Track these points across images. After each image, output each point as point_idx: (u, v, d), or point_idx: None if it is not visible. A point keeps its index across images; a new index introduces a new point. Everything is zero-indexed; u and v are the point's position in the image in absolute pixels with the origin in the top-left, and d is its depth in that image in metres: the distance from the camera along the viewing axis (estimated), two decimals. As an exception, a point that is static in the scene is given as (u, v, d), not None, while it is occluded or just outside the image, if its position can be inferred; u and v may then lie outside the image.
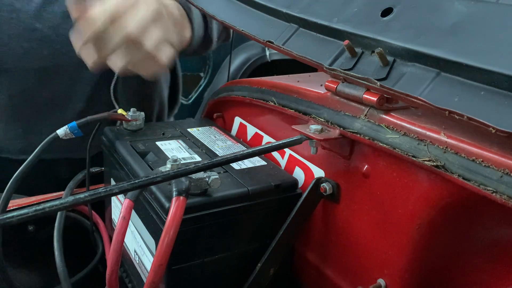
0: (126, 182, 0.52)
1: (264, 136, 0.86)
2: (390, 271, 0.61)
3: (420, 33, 0.55)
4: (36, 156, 0.76)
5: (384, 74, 0.56)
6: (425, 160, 0.51)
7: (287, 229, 0.69)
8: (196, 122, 0.96)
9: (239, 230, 0.70)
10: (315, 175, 0.72)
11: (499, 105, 0.45)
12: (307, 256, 0.75)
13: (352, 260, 0.67)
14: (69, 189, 0.85)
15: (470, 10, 0.53)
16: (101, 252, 0.92)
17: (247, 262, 0.71)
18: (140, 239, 0.73)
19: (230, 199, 0.66)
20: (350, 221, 0.67)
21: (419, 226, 0.57)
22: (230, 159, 0.60)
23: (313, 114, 0.68)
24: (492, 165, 0.46)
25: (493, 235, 0.54)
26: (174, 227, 0.57)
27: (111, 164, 0.85)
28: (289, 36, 0.70)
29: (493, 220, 0.53)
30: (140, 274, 0.75)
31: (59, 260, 0.73)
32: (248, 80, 0.89)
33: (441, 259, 0.58)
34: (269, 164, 0.77)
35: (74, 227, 0.89)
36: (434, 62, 0.52)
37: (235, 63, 2.45)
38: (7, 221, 0.45)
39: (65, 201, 0.48)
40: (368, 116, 0.61)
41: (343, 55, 0.63)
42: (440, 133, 0.52)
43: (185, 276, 0.67)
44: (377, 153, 0.60)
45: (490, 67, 0.47)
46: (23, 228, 0.90)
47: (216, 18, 0.83)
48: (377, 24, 0.60)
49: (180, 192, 0.59)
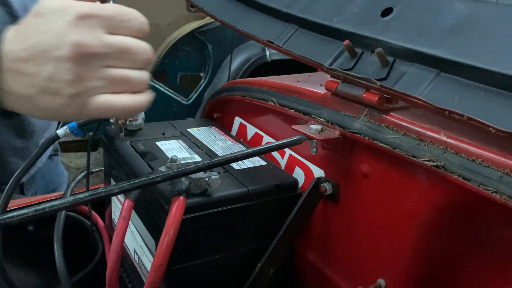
0: (126, 182, 0.52)
1: (264, 136, 0.86)
2: (390, 271, 0.61)
3: (420, 33, 0.55)
4: (37, 156, 0.76)
5: (384, 74, 0.56)
6: (425, 160, 0.51)
7: (287, 229, 0.69)
8: (196, 122, 0.96)
9: (239, 230, 0.70)
10: (315, 175, 0.72)
11: (499, 105, 0.45)
12: (307, 256, 0.75)
13: (352, 260, 0.67)
14: (69, 189, 0.85)
15: (470, 10, 0.53)
16: (101, 252, 0.93)
17: (247, 262, 0.71)
18: (140, 239, 0.73)
19: (230, 199, 0.66)
20: (350, 221, 0.67)
21: (419, 226, 0.57)
22: (230, 159, 0.60)
23: (313, 114, 0.68)
24: (492, 165, 0.46)
25: (493, 235, 0.54)
26: (174, 227, 0.57)
27: (111, 164, 0.85)
28: (289, 36, 0.70)
29: (493, 220, 0.53)
30: (140, 274, 0.75)
31: (59, 260, 0.73)
32: (248, 80, 0.89)
33: (441, 259, 0.58)
34: (269, 164, 0.77)
35: (74, 227, 0.89)
36: (434, 62, 0.52)
37: (235, 63, 2.45)
38: (7, 221, 0.45)
39: (65, 201, 0.48)
40: (368, 116, 0.61)
41: (343, 55, 0.63)
42: (440, 133, 0.52)
43: (185, 276, 0.67)
44: (377, 153, 0.60)
45: (490, 67, 0.47)
46: (23, 228, 0.90)
47: (216, 18, 0.83)
48: (377, 24, 0.60)
49: (180, 192, 0.59)
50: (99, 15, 0.46)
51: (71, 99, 0.46)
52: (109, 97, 0.47)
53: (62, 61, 0.44)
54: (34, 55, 0.45)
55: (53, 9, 0.45)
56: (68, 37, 0.44)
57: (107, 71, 0.47)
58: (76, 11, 0.45)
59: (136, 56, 0.48)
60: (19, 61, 0.45)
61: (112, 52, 0.47)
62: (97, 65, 0.46)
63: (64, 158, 2.98)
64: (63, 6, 0.45)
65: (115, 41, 0.47)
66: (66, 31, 0.45)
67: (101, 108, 0.47)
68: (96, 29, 0.46)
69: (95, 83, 0.46)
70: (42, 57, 0.45)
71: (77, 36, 0.45)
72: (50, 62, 0.45)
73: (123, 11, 0.48)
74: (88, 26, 0.45)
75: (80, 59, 0.45)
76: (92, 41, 0.45)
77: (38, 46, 0.45)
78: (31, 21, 0.46)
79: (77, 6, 0.45)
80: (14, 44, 0.45)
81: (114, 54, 0.47)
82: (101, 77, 0.46)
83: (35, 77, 0.45)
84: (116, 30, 0.47)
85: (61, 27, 0.45)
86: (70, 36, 0.44)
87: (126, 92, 0.48)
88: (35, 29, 0.45)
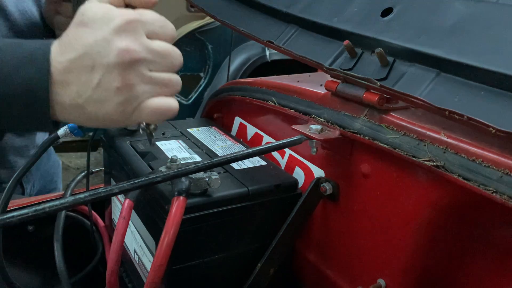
0: (126, 182, 0.52)
1: (264, 136, 0.86)
2: (390, 271, 0.61)
3: (420, 33, 0.55)
4: (37, 156, 0.76)
5: (384, 74, 0.56)
6: (425, 160, 0.51)
7: (287, 229, 0.69)
8: (196, 122, 0.96)
9: (239, 230, 0.70)
10: (315, 175, 0.72)
11: (499, 105, 0.45)
12: (307, 256, 0.75)
13: (352, 260, 0.67)
14: (69, 189, 0.85)
15: (470, 10, 0.53)
16: (101, 252, 0.93)
17: (247, 262, 0.71)
18: (140, 239, 0.73)
19: (230, 199, 0.66)
20: (350, 221, 0.67)
21: (419, 226, 0.57)
22: (230, 159, 0.60)
23: (313, 114, 0.68)
24: (492, 165, 0.46)
25: (493, 235, 0.54)
26: (174, 227, 0.57)
27: (111, 164, 0.85)
28: (289, 36, 0.70)
29: (493, 220, 0.53)
30: (140, 274, 0.75)
31: (59, 260, 0.73)
32: (248, 80, 0.89)
33: (441, 258, 0.58)
34: (269, 164, 0.77)
35: (74, 227, 0.89)
36: (434, 62, 0.52)
37: (235, 63, 2.45)
38: (7, 221, 0.45)
39: (65, 201, 0.48)
40: (368, 116, 0.61)
41: (343, 55, 0.63)
42: (440, 133, 0.52)
43: (185, 276, 0.67)
44: (377, 153, 0.60)
45: (490, 67, 0.47)
46: (23, 228, 0.90)
47: (216, 18, 0.83)
48: (377, 24, 0.60)
49: (180, 192, 0.59)
50: (141, 21, 0.47)
51: (120, 106, 0.47)
52: (156, 100, 0.48)
53: (109, 68, 0.45)
54: (82, 65, 0.45)
55: (97, 18, 0.46)
56: (114, 44, 0.45)
57: (152, 75, 0.47)
58: (120, 18, 0.46)
59: (173, 60, 0.49)
60: (67, 72, 0.45)
61: (155, 57, 0.47)
62: (143, 70, 0.47)
63: (64, 158, 2.98)
64: (106, 14, 0.46)
65: (157, 46, 0.48)
66: (112, 38, 0.45)
67: (151, 111, 0.48)
68: (139, 35, 0.46)
69: (142, 88, 0.47)
70: (90, 66, 0.45)
71: (123, 43, 0.45)
72: (98, 70, 0.45)
73: (159, 18, 0.49)
74: (132, 32, 0.46)
75: (127, 65, 0.46)
76: (138, 47, 0.46)
77: (84, 56, 0.45)
78: (76, 31, 0.46)
79: (119, 13, 0.46)
80: (61, 56, 0.46)
81: (157, 59, 0.48)
82: (147, 82, 0.47)
83: (83, 86, 0.46)
84: (155, 36, 0.48)
85: (107, 35, 0.45)
86: (116, 43, 0.45)
87: (167, 94, 0.49)
88: (81, 38, 0.46)
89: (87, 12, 0.47)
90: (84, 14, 0.47)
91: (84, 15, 0.46)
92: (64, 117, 0.49)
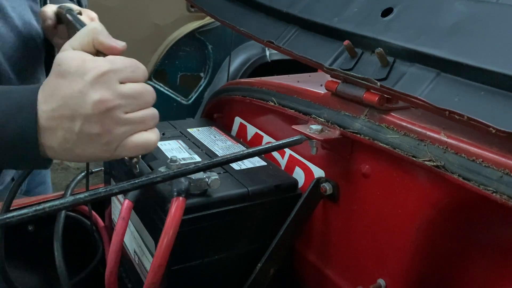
0: (126, 182, 0.52)
1: (264, 136, 0.86)
2: (390, 271, 0.61)
3: (420, 33, 0.55)
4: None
5: (384, 74, 0.56)
6: (425, 160, 0.51)
7: (287, 229, 0.69)
8: (196, 122, 0.96)
9: (239, 230, 0.70)
10: (315, 175, 0.72)
11: (499, 105, 0.45)
12: (307, 256, 0.75)
13: (352, 260, 0.67)
14: (69, 189, 0.85)
15: (470, 10, 0.53)
16: (101, 252, 0.92)
17: (247, 262, 0.71)
18: (140, 240, 0.73)
19: (230, 200, 0.66)
20: (350, 221, 0.67)
21: (419, 226, 0.56)
22: (230, 159, 0.60)
23: (313, 114, 0.68)
24: (492, 165, 0.46)
25: (493, 234, 0.54)
26: (173, 227, 0.57)
27: (111, 164, 0.85)
28: (289, 36, 0.70)
29: (493, 220, 0.53)
30: (140, 274, 0.75)
31: (59, 260, 0.73)
32: (248, 80, 0.89)
33: (441, 258, 0.58)
34: (269, 164, 0.77)
35: (74, 227, 0.89)
36: (434, 62, 0.52)
37: (235, 63, 2.45)
38: (7, 221, 0.45)
39: (65, 201, 0.48)
40: (368, 116, 0.61)
41: (343, 55, 0.63)
42: (440, 133, 0.52)
43: (184, 276, 0.67)
44: (377, 153, 0.60)
45: (490, 67, 0.47)
46: (23, 228, 0.90)
47: (216, 18, 0.83)
48: (377, 24, 0.60)
49: (180, 192, 0.59)
50: (113, 70, 0.50)
51: (103, 146, 0.51)
52: (135, 137, 0.52)
53: (88, 118, 0.49)
54: (63, 114, 0.49)
55: (72, 71, 0.49)
56: (89, 96, 0.48)
57: (127, 117, 0.51)
58: (93, 71, 0.49)
59: (146, 98, 0.53)
60: (51, 119, 0.50)
61: (129, 100, 0.51)
62: (118, 114, 0.50)
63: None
64: (80, 67, 0.49)
65: (129, 90, 0.51)
66: (87, 91, 0.49)
67: (132, 148, 0.52)
68: (112, 84, 0.50)
69: (120, 130, 0.51)
70: (70, 115, 0.49)
71: (97, 94, 0.49)
72: (77, 119, 0.49)
73: (130, 63, 0.52)
74: (105, 83, 0.49)
75: (103, 114, 0.49)
76: (111, 96, 0.49)
77: (64, 106, 0.49)
78: (55, 82, 0.50)
79: (92, 65, 0.49)
80: (45, 104, 0.50)
81: (130, 101, 0.51)
82: (124, 123, 0.51)
83: (67, 133, 0.50)
84: (127, 80, 0.51)
85: (82, 88, 0.49)
86: (91, 95, 0.48)
87: (146, 129, 0.53)
88: (60, 89, 0.49)
89: (62, 63, 0.50)
90: (60, 65, 0.50)
91: (60, 66, 0.50)
92: (55, 157, 0.53)
